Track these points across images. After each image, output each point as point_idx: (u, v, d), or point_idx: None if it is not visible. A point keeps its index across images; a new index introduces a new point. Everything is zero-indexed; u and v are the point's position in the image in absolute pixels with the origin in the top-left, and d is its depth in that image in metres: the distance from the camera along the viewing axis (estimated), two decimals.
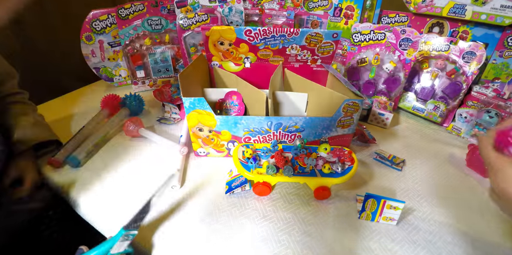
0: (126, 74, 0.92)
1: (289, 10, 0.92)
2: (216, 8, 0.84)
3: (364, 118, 0.74)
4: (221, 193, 0.50)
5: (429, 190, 0.52)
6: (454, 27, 0.74)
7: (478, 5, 0.66)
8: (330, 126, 0.52)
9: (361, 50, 0.80)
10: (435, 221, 0.45)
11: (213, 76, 0.68)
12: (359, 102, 0.49)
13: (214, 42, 0.61)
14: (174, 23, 0.86)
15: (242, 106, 0.62)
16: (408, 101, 0.77)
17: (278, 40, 0.59)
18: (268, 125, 0.52)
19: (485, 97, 0.66)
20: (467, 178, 0.55)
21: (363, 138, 0.63)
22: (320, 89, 0.58)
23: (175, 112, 0.71)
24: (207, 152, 0.58)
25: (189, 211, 0.46)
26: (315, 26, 0.93)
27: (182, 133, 0.62)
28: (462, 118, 0.69)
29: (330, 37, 0.59)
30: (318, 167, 0.47)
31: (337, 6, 0.85)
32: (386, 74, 0.77)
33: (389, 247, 0.41)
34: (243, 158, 0.49)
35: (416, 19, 0.79)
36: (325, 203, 0.48)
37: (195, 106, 0.50)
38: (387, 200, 0.42)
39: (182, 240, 0.41)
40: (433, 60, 0.74)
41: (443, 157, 0.61)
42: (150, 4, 0.84)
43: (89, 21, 0.81)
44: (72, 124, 0.70)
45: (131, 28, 0.84)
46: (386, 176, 0.55)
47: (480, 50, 0.65)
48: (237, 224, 0.44)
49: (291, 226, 0.44)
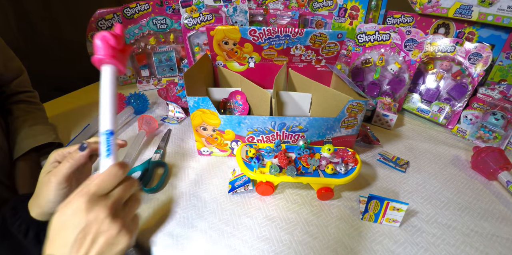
0: (130, 73, 0.92)
1: (293, 10, 0.92)
2: (221, 8, 0.84)
3: (368, 119, 0.74)
4: (224, 192, 0.50)
5: (433, 192, 0.51)
6: (460, 28, 0.74)
7: (485, 6, 0.65)
8: (333, 126, 0.52)
9: (365, 50, 0.80)
10: (439, 224, 0.45)
11: (217, 75, 0.68)
12: (363, 103, 0.49)
13: (219, 42, 0.61)
14: (179, 22, 0.87)
15: (246, 105, 0.62)
16: (412, 103, 0.76)
17: (283, 40, 0.59)
18: (271, 125, 0.52)
19: (491, 99, 0.66)
20: (472, 180, 0.55)
21: (367, 139, 0.63)
22: (324, 90, 0.58)
23: (179, 111, 0.71)
24: (210, 151, 0.58)
25: (192, 209, 0.46)
26: (320, 26, 0.93)
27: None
28: (467, 120, 0.68)
29: (335, 38, 0.59)
30: (321, 168, 0.47)
31: (342, 7, 0.85)
32: (390, 75, 0.76)
33: (392, 248, 0.41)
34: (246, 157, 0.49)
35: (422, 19, 0.78)
36: (328, 203, 0.48)
37: (199, 105, 0.50)
38: (390, 201, 0.42)
39: (183, 238, 0.42)
40: (438, 61, 0.73)
41: (447, 159, 0.61)
42: (155, 4, 0.85)
43: (94, 20, 0.82)
44: (77, 123, 0.70)
45: (136, 28, 0.85)
46: (390, 178, 0.54)
47: (486, 52, 0.64)
48: (240, 223, 0.44)
49: (293, 226, 0.44)
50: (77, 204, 0.30)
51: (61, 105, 0.80)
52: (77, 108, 0.78)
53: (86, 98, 0.84)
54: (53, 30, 0.90)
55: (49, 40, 0.89)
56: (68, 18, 0.93)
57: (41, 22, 0.86)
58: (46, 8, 0.86)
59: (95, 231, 0.30)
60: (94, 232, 0.30)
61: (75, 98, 0.85)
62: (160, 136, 0.65)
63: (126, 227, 0.31)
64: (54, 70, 0.92)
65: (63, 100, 0.85)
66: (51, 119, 0.67)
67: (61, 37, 0.92)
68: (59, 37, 0.92)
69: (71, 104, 0.80)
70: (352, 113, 0.50)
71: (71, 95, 0.88)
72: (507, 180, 0.52)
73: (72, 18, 0.93)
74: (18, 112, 0.60)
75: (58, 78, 0.93)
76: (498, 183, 0.54)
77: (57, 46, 0.91)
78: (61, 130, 0.64)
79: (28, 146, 0.55)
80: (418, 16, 0.78)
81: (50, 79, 0.89)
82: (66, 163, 0.36)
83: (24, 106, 0.62)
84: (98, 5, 0.83)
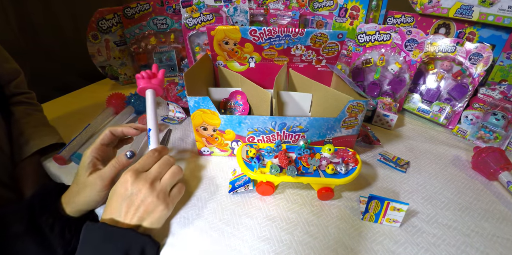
0: (131, 73, 0.92)
1: (294, 10, 0.92)
2: (221, 8, 0.84)
3: (368, 119, 0.74)
4: (224, 192, 0.50)
5: (433, 192, 0.51)
6: (460, 28, 0.73)
7: (486, 6, 0.65)
8: (334, 126, 0.52)
9: (366, 50, 0.79)
10: (439, 224, 0.45)
11: (218, 75, 0.68)
12: (363, 103, 0.49)
13: (219, 42, 0.61)
14: (179, 22, 0.87)
15: (247, 105, 0.62)
16: (413, 103, 0.76)
17: (283, 40, 0.59)
18: (272, 125, 0.52)
19: (492, 99, 0.66)
20: (472, 181, 0.55)
21: (367, 139, 0.63)
22: (325, 90, 0.58)
23: (179, 111, 0.71)
24: (211, 151, 0.58)
25: (191, 209, 0.46)
26: (320, 26, 0.93)
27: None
28: (468, 120, 0.68)
29: (335, 38, 0.59)
30: (321, 168, 0.47)
31: (342, 7, 0.85)
32: (391, 75, 0.76)
33: (392, 249, 0.41)
34: (246, 157, 0.49)
35: (422, 20, 0.78)
36: (328, 203, 0.48)
37: (199, 105, 0.50)
38: (390, 201, 0.42)
39: (184, 238, 0.42)
40: (439, 62, 0.73)
41: (448, 159, 0.61)
42: (156, 4, 0.85)
43: (95, 20, 0.82)
44: (78, 122, 0.70)
45: (137, 27, 0.85)
46: (390, 178, 0.54)
47: (487, 52, 0.64)
48: (240, 223, 0.44)
49: (293, 226, 0.44)
50: (125, 177, 0.39)
51: (62, 105, 0.80)
52: (78, 108, 0.78)
53: (86, 98, 0.84)
54: (54, 30, 0.90)
55: (50, 40, 0.89)
56: (68, 18, 0.93)
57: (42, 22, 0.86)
58: (47, 8, 0.86)
59: (137, 200, 0.38)
60: (137, 201, 0.38)
61: (76, 98, 0.85)
62: (161, 136, 0.65)
63: (162, 198, 0.39)
64: (54, 70, 0.92)
65: (63, 100, 0.85)
66: (52, 119, 0.67)
67: (62, 37, 0.92)
68: (60, 37, 0.92)
69: (72, 104, 0.80)
70: (353, 113, 0.50)
71: (71, 95, 0.88)
72: (508, 181, 0.52)
73: (73, 18, 0.93)
74: (19, 114, 0.60)
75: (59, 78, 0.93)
76: (499, 183, 0.54)
77: (57, 46, 0.92)
78: (62, 130, 0.64)
79: (34, 147, 0.55)
80: (418, 16, 0.78)
81: (51, 79, 0.89)
82: (113, 168, 0.42)
83: (25, 108, 0.62)
84: (99, 5, 0.84)
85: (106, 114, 0.69)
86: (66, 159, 0.56)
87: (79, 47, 0.88)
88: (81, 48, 0.86)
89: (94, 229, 0.36)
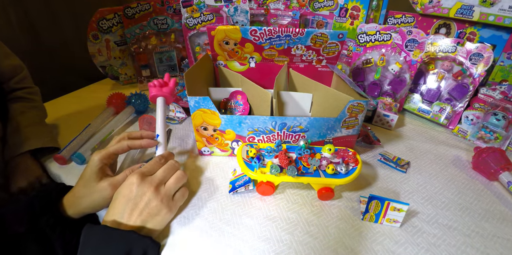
0: (131, 73, 0.92)
1: (294, 10, 0.92)
2: (222, 8, 0.85)
3: (369, 119, 0.74)
4: (225, 192, 0.50)
5: (433, 192, 0.51)
6: (461, 28, 0.73)
7: (486, 6, 0.65)
8: (334, 126, 0.52)
9: (366, 50, 0.79)
10: (439, 224, 0.45)
11: (218, 75, 0.69)
12: (364, 103, 0.49)
13: (220, 42, 0.61)
14: (180, 22, 0.87)
15: (247, 105, 0.62)
16: (413, 103, 0.76)
17: (283, 40, 0.59)
18: (272, 125, 0.52)
19: (492, 100, 0.66)
20: (473, 181, 0.55)
21: (367, 139, 0.63)
22: (325, 90, 0.58)
23: (180, 111, 0.71)
24: (211, 151, 0.58)
25: (191, 209, 0.46)
26: (321, 26, 0.93)
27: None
28: (468, 120, 0.68)
29: (336, 38, 0.59)
30: (322, 168, 0.47)
31: (342, 7, 0.85)
32: (391, 75, 0.76)
33: (392, 249, 0.41)
34: (247, 157, 0.49)
35: (423, 20, 0.78)
36: (328, 203, 0.48)
37: (200, 105, 0.50)
38: (391, 202, 0.42)
39: (184, 238, 0.42)
40: (439, 62, 0.73)
41: (448, 159, 0.61)
42: (156, 4, 0.85)
43: (96, 20, 0.82)
44: (78, 122, 0.70)
45: (137, 27, 0.85)
46: (391, 178, 0.54)
47: (487, 52, 0.64)
48: (240, 223, 0.44)
49: (294, 226, 0.44)
50: (131, 179, 0.39)
51: (62, 105, 0.80)
52: (78, 108, 0.78)
53: (86, 97, 0.84)
54: (54, 29, 0.90)
55: (50, 39, 0.90)
56: (69, 17, 0.93)
57: (42, 21, 0.86)
58: (47, 8, 0.86)
59: (142, 203, 0.38)
60: (141, 203, 0.38)
61: (76, 98, 0.85)
62: None
63: (166, 202, 0.40)
64: (55, 70, 0.92)
65: (64, 99, 0.85)
66: (52, 119, 0.67)
67: (63, 37, 0.93)
68: (61, 36, 0.92)
69: (72, 104, 0.80)
70: (353, 113, 0.50)
71: (72, 95, 0.88)
72: (508, 181, 0.52)
73: (73, 17, 0.93)
74: (14, 112, 0.59)
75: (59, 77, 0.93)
76: (499, 183, 0.54)
77: (58, 46, 0.92)
78: (62, 130, 0.65)
79: (21, 149, 0.55)
80: (419, 16, 0.78)
81: (51, 78, 0.89)
82: (125, 175, 0.43)
83: (21, 105, 0.61)
84: (99, 4, 0.84)
85: (107, 114, 0.69)
86: (66, 159, 0.56)
87: (79, 47, 0.88)
88: (81, 48, 0.86)
89: (95, 231, 0.36)
